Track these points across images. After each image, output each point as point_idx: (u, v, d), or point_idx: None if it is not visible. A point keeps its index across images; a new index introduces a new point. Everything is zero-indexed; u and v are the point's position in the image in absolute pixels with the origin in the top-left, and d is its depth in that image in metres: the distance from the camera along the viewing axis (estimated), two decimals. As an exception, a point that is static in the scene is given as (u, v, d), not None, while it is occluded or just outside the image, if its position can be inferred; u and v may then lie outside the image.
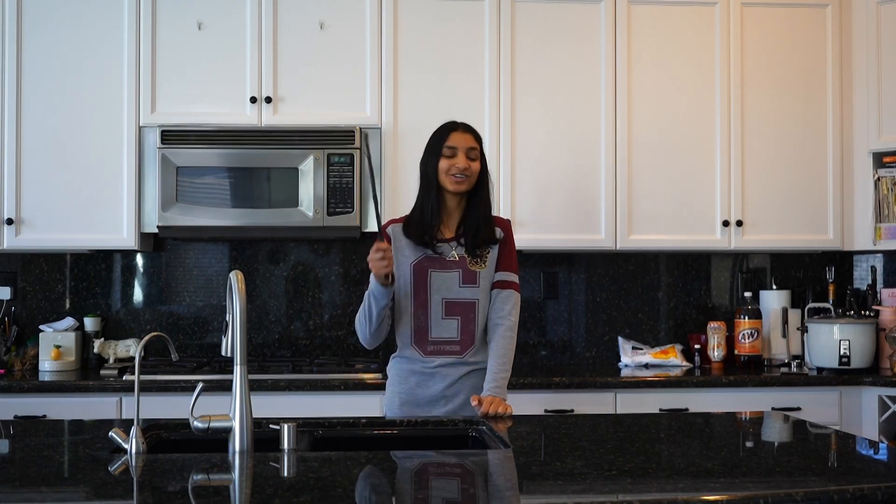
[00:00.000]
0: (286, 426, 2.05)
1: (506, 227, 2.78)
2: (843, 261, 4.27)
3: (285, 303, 4.10)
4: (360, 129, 3.73)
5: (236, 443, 1.99)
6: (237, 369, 2.02)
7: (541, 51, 3.86)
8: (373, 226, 3.72)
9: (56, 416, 3.33)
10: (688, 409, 3.51)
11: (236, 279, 2.06)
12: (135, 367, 2.01)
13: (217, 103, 3.76)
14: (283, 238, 4.01)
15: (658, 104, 3.91)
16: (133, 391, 2.34)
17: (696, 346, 4.01)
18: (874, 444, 2.19)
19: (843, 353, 3.75)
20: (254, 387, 3.19)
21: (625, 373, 3.79)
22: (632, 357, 3.99)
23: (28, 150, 3.71)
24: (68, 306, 4.04)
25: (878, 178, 3.92)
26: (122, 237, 3.72)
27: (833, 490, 1.67)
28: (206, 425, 2.01)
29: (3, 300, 3.97)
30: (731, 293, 4.27)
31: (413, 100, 3.79)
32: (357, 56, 3.80)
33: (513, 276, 2.73)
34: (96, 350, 3.77)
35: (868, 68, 3.92)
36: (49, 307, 4.03)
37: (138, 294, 4.08)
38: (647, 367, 3.93)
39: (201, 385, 2.05)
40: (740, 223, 3.89)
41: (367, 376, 3.52)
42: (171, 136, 3.67)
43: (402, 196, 3.68)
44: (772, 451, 2.23)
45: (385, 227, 2.70)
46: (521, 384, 3.47)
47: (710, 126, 3.93)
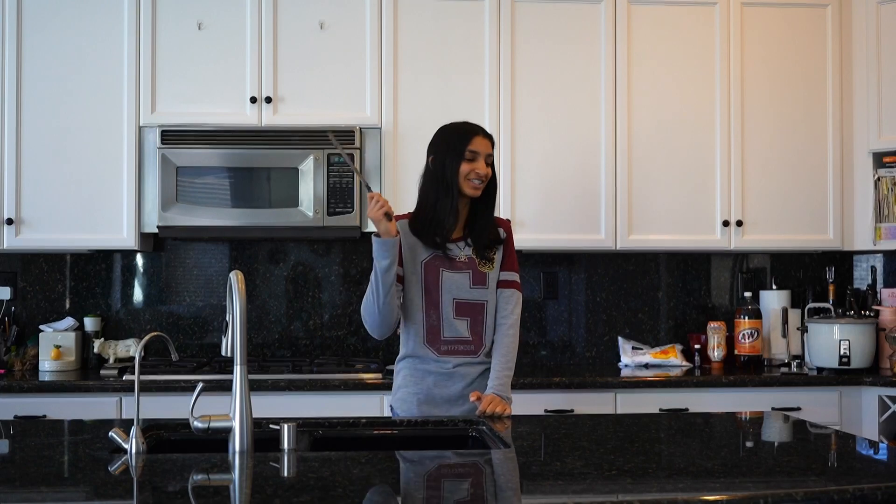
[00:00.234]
0: (286, 426, 2.05)
1: (506, 227, 2.80)
2: (843, 261, 4.27)
3: (285, 303, 4.10)
4: (360, 128, 3.73)
5: (236, 443, 1.99)
6: (237, 369, 2.02)
7: (541, 51, 3.86)
8: (374, 226, 3.70)
9: (56, 416, 3.33)
10: (688, 409, 3.51)
11: (236, 279, 2.06)
12: (135, 367, 2.01)
13: (217, 103, 3.76)
14: (283, 238, 4.01)
15: (658, 104, 3.91)
16: (133, 391, 2.34)
17: (696, 346, 4.01)
18: (874, 444, 2.20)
19: (843, 353, 3.75)
20: (254, 387, 3.19)
21: (625, 373, 3.79)
22: (632, 357, 4.00)
23: (28, 150, 3.71)
24: (68, 306, 4.04)
25: (878, 178, 3.92)
26: (122, 237, 3.72)
27: (833, 490, 1.67)
28: (206, 425, 2.01)
29: (3, 300, 3.97)
30: (731, 293, 4.27)
31: (413, 100, 3.79)
32: (357, 56, 3.80)
33: (514, 275, 2.75)
34: (96, 350, 3.77)
35: (868, 68, 3.92)
36: (49, 307, 4.03)
37: (138, 294, 4.08)
38: (647, 367, 3.93)
39: (201, 385, 2.05)
40: (740, 223, 3.89)
41: (367, 376, 3.52)
42: (171, 136, 3.67)
43: (402, 195, 3.68)
44: (772, 451, 2.23)
45: (394, 223, 2.69)
46: (521, 384, 3.47)
47: (710, 126, 3.93)
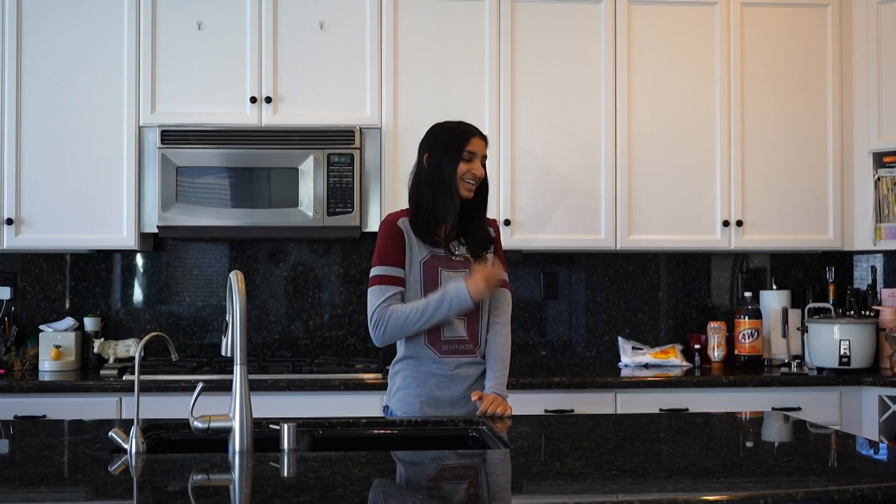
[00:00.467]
0: (286, 426, 2.05)
1: (495, 226, 2.81)
2: (843, 261, 4.27)
3: (285, 303, 4.10)
4: (360, 129, 3.73)
5: (236, 443, 1.99)
6: (237, 369, 2.02)
7: (541, 51, 3.86)
8: (374, 226, 3.72)
9: (56, 416, 3.33)
10: (688, 409, 3.51)
11: (236, 279, 2.06)
12: (135, 367, 2.01)
13: (217, 103, 3.76)
14: (283, 238, 4.01)
15: (658, 104, 3.91)
16: (133, 391, 2.34)
17: (696, 346, 4.01)
18: (874, 444, 2.19)
19: (843, 353, 3.75)
20: (254, 387, 3.20)
21: (625, 373, 3.79)
22: (632, 357, 4.00)
23: (28, 150, 3.71)
24: (68, 306, 4.04)
25: (878, 178, 3.92)
26: (122, 237, 3.72)
27: (833, 490, 1.67)
28: (206, 425, 2.01)
29: (3, 300, 3.97)
30: (731, 293, 4.27)
31: (413, 99, 3.79)
32: (357, 56, 3.80)
33: (504, 274, 2.76)
34: (96, 350, 3.77)
35: (868, 68, 3.92)
36: (49, 307, 4.03)
37: (138, 294, 4.08)
38: (647, 367, 3.93)
39: (201, 385, 2.05)
40: (740, 223, 3.89)
41: (367, 376, 3.52)
42: (171, 136, 3.67)
43: (402, 195, 3.66)
44: (772, 451, 2.23)
45: (395, 220, 2.68)
46: (521, 384, 3.47)
47: (710, 126, 3.93)
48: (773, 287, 4.14)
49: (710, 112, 3.93)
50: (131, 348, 3.79)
